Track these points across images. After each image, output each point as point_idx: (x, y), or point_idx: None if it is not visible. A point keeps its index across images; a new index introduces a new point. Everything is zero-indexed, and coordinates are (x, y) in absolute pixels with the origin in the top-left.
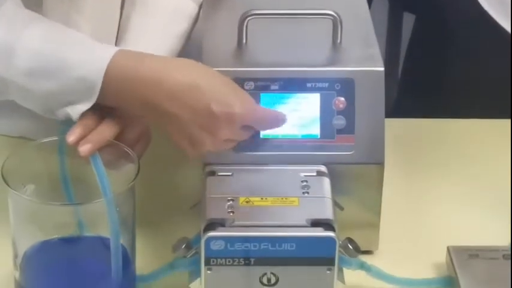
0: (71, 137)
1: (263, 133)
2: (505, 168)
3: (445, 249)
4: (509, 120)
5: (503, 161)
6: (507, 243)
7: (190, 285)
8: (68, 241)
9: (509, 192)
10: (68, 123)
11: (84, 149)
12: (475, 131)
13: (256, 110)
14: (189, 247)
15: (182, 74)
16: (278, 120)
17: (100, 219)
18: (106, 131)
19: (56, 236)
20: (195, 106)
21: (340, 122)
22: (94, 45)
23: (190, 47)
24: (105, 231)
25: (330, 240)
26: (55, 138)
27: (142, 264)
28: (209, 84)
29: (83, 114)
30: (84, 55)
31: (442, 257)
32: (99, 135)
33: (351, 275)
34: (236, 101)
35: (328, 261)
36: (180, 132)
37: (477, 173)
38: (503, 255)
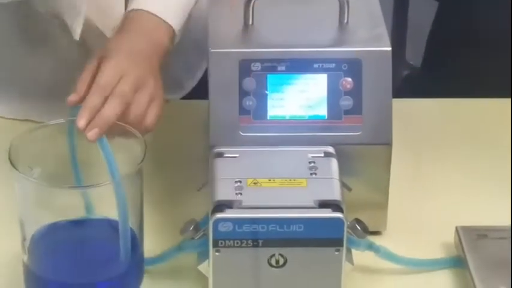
0: (81, 122)
1: (270, 114)
2: None
3: (454, 229)
4: None
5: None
6: None
7: (199, 267)
8: (75, 223)
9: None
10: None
11: (92, 134)
12: (484, 111)
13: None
14: (197, 229)
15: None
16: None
17: (108, 201)
18: (111, 112)
19: (64, 218)
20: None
21: (347, 102)
22: None
23: (197, 28)
24: (113, 213)
25: (338, 221)
26: (62, 120)
27: (150, 246)
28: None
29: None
30: None
31: (450, 237)
32: (105, 119)
33: (359, 256)
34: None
35: (337, 242)
36: None
37: (485, 152)
38: None
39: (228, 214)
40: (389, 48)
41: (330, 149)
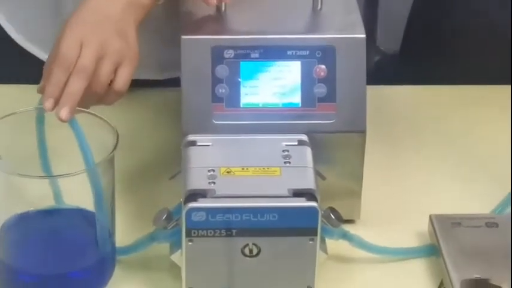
0: (48, 102)
1: (243, 102)
2: (487, 136)
3: (428, 217)
4: (492, 86)
5: (486, 129)
6: (489, 211)
7: (172, 257)
8: (46, 213)
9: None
10: None
11: (63, 113)
12: (459, 98)
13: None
14: (169, 218)
15: None
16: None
17: (79, 190)
18: (75, 88)
19: (34, 208)
20: None
21: (321, 90)
22: None
23: (169, 15)
24: (83, 203)
25: (312, 210)
26: (31, 108)
27: (122, 236)
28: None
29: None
30: None
31: (424, 225)
32: (71, 96)
33: (333, 245)
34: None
35: (311, 232)
36: None
37: (459, 141)
38: (486, 223)
39: (201, 203)
40: (364, 35)
41: (304, 137)
